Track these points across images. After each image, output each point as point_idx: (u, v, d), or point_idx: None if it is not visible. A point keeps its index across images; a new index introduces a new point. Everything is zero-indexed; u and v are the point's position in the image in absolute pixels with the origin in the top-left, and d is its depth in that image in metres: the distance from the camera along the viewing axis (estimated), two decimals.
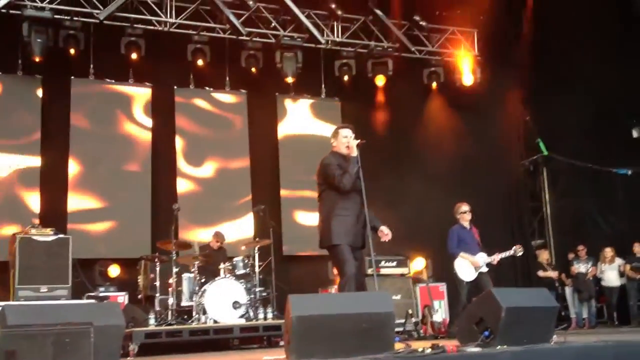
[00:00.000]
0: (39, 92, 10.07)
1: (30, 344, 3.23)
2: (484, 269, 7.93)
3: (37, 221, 8.72)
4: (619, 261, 11.04)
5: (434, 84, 12.18)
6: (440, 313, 9.70)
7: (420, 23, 11.62)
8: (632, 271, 10.79)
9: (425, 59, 12.06)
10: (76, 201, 9.99)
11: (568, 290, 11.48)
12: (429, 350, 4.35)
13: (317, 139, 11.63)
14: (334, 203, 5.55)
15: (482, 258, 7.94)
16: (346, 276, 5.45)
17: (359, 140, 5.64)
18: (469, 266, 7.94)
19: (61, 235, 7.81)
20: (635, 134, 11.06)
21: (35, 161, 9.79)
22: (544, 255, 11.24)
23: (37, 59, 9.53)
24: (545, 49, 11.80)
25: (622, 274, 11.04)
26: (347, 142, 5.65)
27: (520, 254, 8.21)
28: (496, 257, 7.97)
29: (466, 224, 8.21)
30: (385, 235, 5.65)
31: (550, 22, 11.53)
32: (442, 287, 10.23)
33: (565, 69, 11.44)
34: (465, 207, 8.27)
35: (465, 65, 11.79)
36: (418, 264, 10.48)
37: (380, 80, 11.67)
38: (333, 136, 5.80)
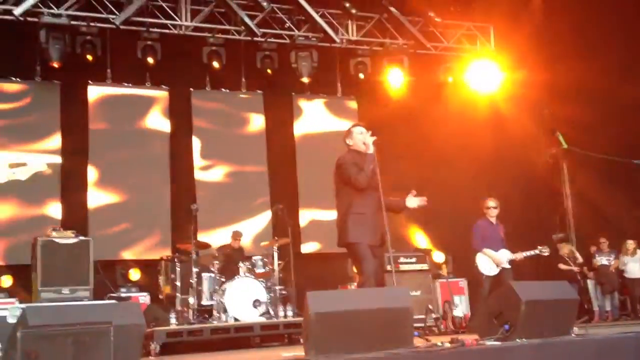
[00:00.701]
0: (58, 98, 10.18)
1: (50, 344, 3.28)
2: (506, 265, 7.88)
3: (58, 225, 8.86)
4: None
5: (450, 79, 12.11)
6: (461, 308, 9.66)
7: (435, 19, 11.56)
8: None
9: (441, 55, 12.00)
10: (96, 204, 10.10)
11: (590, 283, 11.39)
12: (448, 345, 4.35)
13: (334, 138, 11.61)
14: (351, 201, 5.56)
15: (504, 255, 7.89)
16: (365, 274, 5.47)
17: (375, 137, 5.63)
18: (490, 262, 7.90)
19: (82, 238, 7.91)
20: None
21: (56, 166, 9.90)
22: (565, 249, 11.14)
23: (55, 65, 9.63)
24: (563, 43, 11.69)
25: None
26: (364, 138, 5.65)
27: (546, 253, 8.17)
28: (519, 255, 7.91)
29: (492, 220, 8.14)
30: (418, 199, 5.63)
31: (569, 14, 11.42)
32: (463, 282, 10.20)
33: (585, 62, 11.33)
34: (491, 203, 8.21)
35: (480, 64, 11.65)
36: (438, 258, 10.44)
37: (396, 79, 11.59)
38: (347, 136, 5.80)
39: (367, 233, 5.49)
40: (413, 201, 5.65)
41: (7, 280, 8.52)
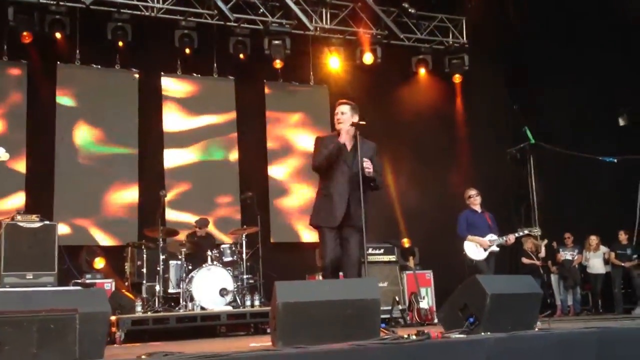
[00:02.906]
0: (25, 78, 9.96)
1: (14, 330, 3.21)
2: (495, 249, 7.99)
3: (22, 209, 8.71)
4: (604, 249, 11.15)
5: (422, 71, 12.19)
6: (427, 300, 9.75)
7: (409, 10, 11.59)
8: (617, 259, 10.90)
9: (414, 46, 12.05)
10: (62, 188, 9.92)
11: (554, 278, 11.59)
12: (414, 337, 4.38)
13: (305, 126, 11.63)
14: (320, 182, 5.60)
15: (490, 238, 7.98)
16: (323, 259, 5.50)
17: (353, 120, 5.53)
18: (477, 247, 7.99)
19: (47, 222, 7.75)
20: (621, 122, 11.12)
21: (21, 149, 9.67)
22: (527, 244, 11.31)
23: (25, 39, 9.43)
24: (533, 37, 11.83)
25: (607, 262, 11.15)
26: (339, 119, 5.56)
27: (537, 233, 8.47)
28: (509, 237, 8.02)
29: (476, 208, 8.25)
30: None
31: (539, 10, 11.55)
32: (429, 274, 10.30)
33: (554, 57, 11.49)
34: (471, 192, 8.34)
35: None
36: (405, 251, 10.51)
37: (367, 60, 11.54)
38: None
39: (328, 215, 5.42)
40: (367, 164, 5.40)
41: None
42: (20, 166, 9.65)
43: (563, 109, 11.37)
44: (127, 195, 10.28)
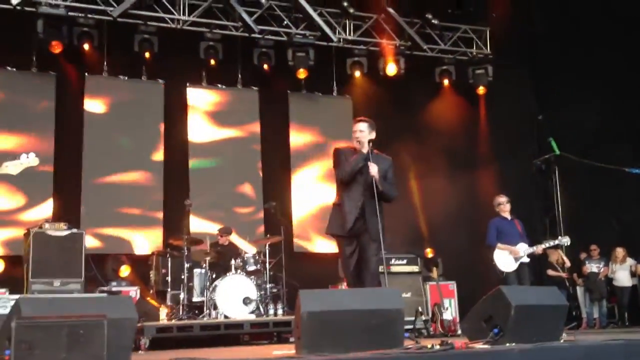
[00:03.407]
0: (54, 89, 10.15)
1: (44, 335, 3.28)
2: (525, 259, 7.84)
3: (51, 217, 8.85)
4: (630, 261, 11.02)
5: (446, 82, 12.17)
6: (450, 311, 9.69)
7: (432, 21, 11.61)
8: None
9: (437, 57, 12.06)
10: (90, 196, 10.06)
11: (580, 290, 11.46)
12: (437, 347, 4.38)
13: (328, 136, 11.67)
14: (339, 192, 5.78)
15: (522, 247, 7.83)
16: (344, 270, 5.84)
17: (370, 137, 5.72)
18: (508, 256, 7.84)
19: (75, 230, 7.89)
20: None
21: (49, 159, 9.83)
22: (554, 255, 11.20)
23: (55, 49, 9.62)
24: (559, 49, 11.77)
25: (633, 274, 11.01)
26: (357, 137, 5.74)
27: (566, 243, 8.25)
28: (539, 247, 7.89)
29: (506, 215, 8.11)
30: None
31: (565, 21, 11.49)
32: (452, 285, 10.23)
33: (580, 68, 11.40)
34: (501, 199, 8.21)
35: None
36: (429, 261, 10.48)
37: (391, 70, 11.55)
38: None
39: (339, 224, 5.65)
40: (373, 168, 5.59)
41: None
42: (48, 175, 9.79)
43: (589, 120, 11.27)
44: (152, 204, 10.38)
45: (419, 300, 9.70)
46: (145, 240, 10.17)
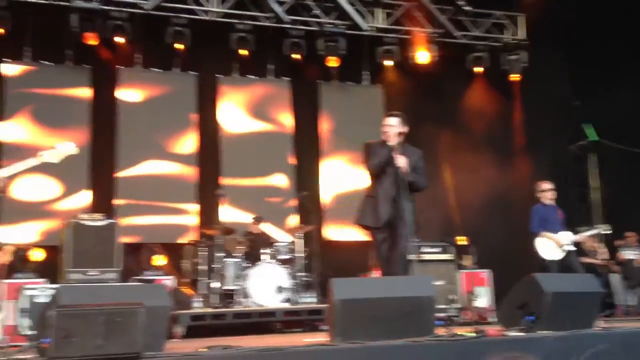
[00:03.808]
0: (89, 82, 10.31)
1: (82, 323, 3.35)
2: (571, 248, 7.66)
3: (87, 208, 9.02)
4: None
5: (480, 69, 12.02)
6: (484, 299, 9.62)
7: (465, 8, 11.48)
8: None
9: (470, 44, 11.91)
10: (124, 188, 10.22)
11: (615, 277, 11.28)
12: (470, 334, 4.37)
13: (360, 126, 11.64)
14: (369, 184, 5.90)
15: (566, 236, 7.66)
16: (376, 258, 5.90)
17: (400, 130, 5.82)
18: (552, 245, 7.69)
19: (111, 220, 8.03)
20: None
21: (84, 150, 9.97)
22: (587, 242, 11.03)
23: (86, 49, 9.75)
24: (595, 34, 11.53)
25: None
26: (385, 130, 5.86)
27: (608, 231, 8.10)
28: (583, 235, 7.77)
29: (549, 202, 7.91)
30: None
31: (600, 6, 11.25)
32: (486, 273, 10.15)
33: (617, 53, 11.17)
34: (546, 185, 7.99)
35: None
36: (462, 249, 10.40)
37: (423, 58, 11.46)
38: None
39: (373, 215, 5.74)
40: (401, 159, 5.69)
41: (36, 261, 8.67)
42: (83, 166, 9.94)
43: (627, 105, 11.04)
44: (185, 195, 10.50)
45: (452, 288, 9.64)
46: (179, 230, 10.29)
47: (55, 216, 9.56)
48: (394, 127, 5.84)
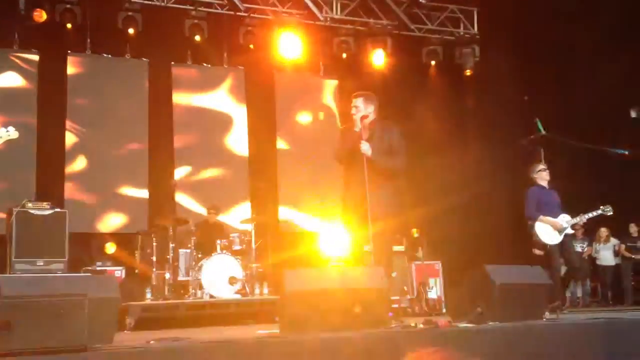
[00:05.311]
0: (36, 67, 10.01)
1: (25, 315, 3.25)
2: (569, 231, 7.46)
3: (33, 196, 8.77)
4: (614, 241, 11.12)
5: (433, 63, 12.12)
6: (435, 290, 9.75)
7: (420, 0, 11.53)
8: (627, 251, 10.85)
9: (424, 38, 11.98)
10: (73, 176, 9.98)
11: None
12: (421, 325, 4.40)
13: (314, 117, 11.64)
14: (344, 173, 5.61)
15: (564, 219, 7.39)
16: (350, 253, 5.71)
17: (361, 114, 5.52)
18: (551, 229, 7.38)
19: (58, 209, 7.84)
20: (633, 114, 11.02)
21: (32, 136, 9.69)
22: None
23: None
24: (546, 28, 11.72)
25: (616, 254, 11.11)
26: (353, 114, 5.57)
27: (609, 213, 7.69)
28: (582, 218, 7.50)
29: (545, 184, 7.62)
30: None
31: (552, 1, 11.45)
32: (438, 265, 10.28)
33: (567, 49, 11.39)
34: (541, 166, 7.72)
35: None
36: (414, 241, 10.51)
37: (378, 59, 11.57)
38: None
39: (349, 208, 5.48)
40: (363, 146, 5.36)
41: None
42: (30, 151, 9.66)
43: (576, 100, 11.28)
44: (137, 183, 10.31)
45: (404, 279, 9.75)
46: (130, 220, 10.10)
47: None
48: (358, 107, 5.53)
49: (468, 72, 12.09)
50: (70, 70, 10.26)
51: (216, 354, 3.59)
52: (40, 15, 9.46)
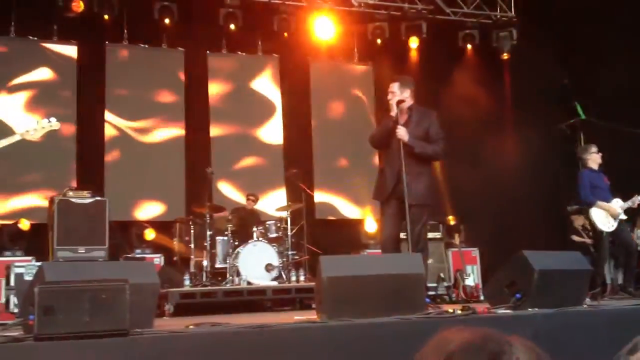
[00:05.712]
0: (74, 58, 10.17)
1: (67, 300, 3.32)
2: (623, 216, 7.19)
3: (74, 185, 8.94)
4: None
5: (469, 47, 11.96)
6: (473, 278, 9.67)
7: None
8: None
9: (460, 21, 11.82)
10: (112, 165, 10.14)
11: None
12: (459, 312, 4.37)
13: (349, 104, 11.60)
14: (380, 157, 5.89)
15: (618, 204, 7.14)
16: (381, 235, 5.74)
17: (397, 99, 5.51)
18: (606, 216, 7.17)
19: (98, 198, 7.97)
20: None
21: (71, 129, 9.87)
22: (579, 221, 11.06)
23: (71, 25, 9.63)
24: (586, 11, 11.47)
25: None
26: (389, 99, 5.59)
27: None
28: (636, 200, 7.16)
29: (596, 167, 7.36)
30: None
31: None
32: (475, 252, 10.19)
33: (607, 30, 11.12)
34: (593, 148, 7.43)
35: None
36: (451, 228, 10.43)
37: (413, 43, 11.47)
38: None
39: (379, 190, 5.59)
40: (400, 130, 5.36)
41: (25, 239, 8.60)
42: (71, 141, 9.85)
43: (617, 84, 11.02)
44: (174, 172, 10.43)
45: (441, 266, 9.69)
46: (168, 208, 10.23)
47: (42, 192, 9.43)
48: (394, 94, 5.53)
49: (505, 56, 11.90)
50: (109, 60, 10.39)
51: (253, 339, 3.63)
52: (79, 6, 9.58)
